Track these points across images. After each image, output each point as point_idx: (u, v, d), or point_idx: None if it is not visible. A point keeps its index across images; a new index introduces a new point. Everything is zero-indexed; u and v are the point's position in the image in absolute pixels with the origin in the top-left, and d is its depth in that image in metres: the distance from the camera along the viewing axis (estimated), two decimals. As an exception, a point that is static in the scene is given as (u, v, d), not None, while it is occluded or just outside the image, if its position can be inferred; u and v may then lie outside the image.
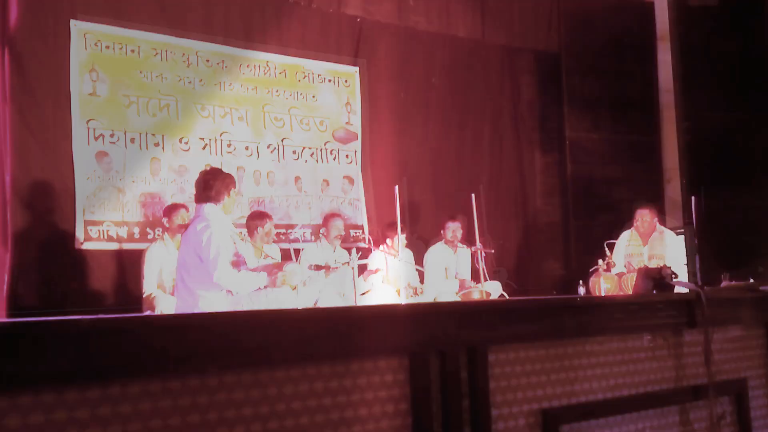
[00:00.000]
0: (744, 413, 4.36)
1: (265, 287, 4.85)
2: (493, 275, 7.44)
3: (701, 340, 4.11)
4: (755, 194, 8.30)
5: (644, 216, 7.06)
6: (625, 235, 7.15)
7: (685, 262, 6.84)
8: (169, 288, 5.88)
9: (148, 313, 5.75)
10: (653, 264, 6.64)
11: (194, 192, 5.04)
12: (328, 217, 7.25)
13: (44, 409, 2.28)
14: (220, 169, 5.24)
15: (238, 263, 4.92)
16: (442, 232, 7.62)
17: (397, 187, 6.33)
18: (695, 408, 4.11)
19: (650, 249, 6.96)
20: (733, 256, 6.93)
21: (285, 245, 7.02)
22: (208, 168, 5.74)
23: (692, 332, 4.15)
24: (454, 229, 7.51)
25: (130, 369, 2.45)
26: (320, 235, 7.27)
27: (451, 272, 7.60)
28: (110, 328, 2.49)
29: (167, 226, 6.19)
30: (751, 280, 5.28)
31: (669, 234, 7.09)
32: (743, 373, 4.44)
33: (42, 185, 6.37)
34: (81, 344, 2.36)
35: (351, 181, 8.24)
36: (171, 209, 6.25)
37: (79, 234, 6.48)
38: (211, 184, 4.89)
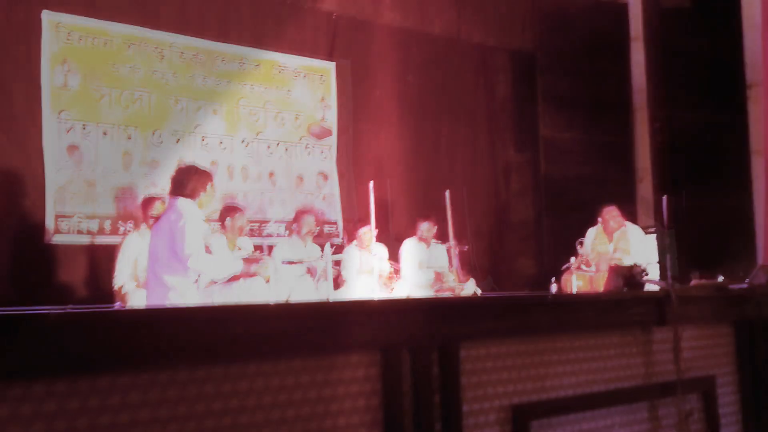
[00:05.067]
0: (712, 410, 4.41)
1: (241, 274, 4.81)
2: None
3: (670, 337, 4.15)
4: (726, 193, 8.41)
5: (612, 213, 7.12)
6: (591, 233, 7.21)
7: (657, 260, 6.91)
8: (142, 280, 5.83)
9: (118, 305, 5.70)
10: (618, 257, 6.72)
11: (169, 186, 4.99)
12: (300, 213, 7.23)
13: (11, 402, 2.26)
14: (196, 166, 5.14)
15: (208, 256, 4.89)
16: (415, 229, 7.63)
17: (371, 183, 6.32)
18: (664, 405, 4.16)
19: (615, 244, 7.03)
20: (704, 254, 7.01)
21: (258, 240, 6.98)
22: (184, 165, 5.66)
23: (662, 330, 4.19)
24: (426, 228, 7.52)
25: (99, 363, 2.42)
26: (292, 230, 7.24)
27: (424, 266, 7.60)
28: (79, 321, 2.47)
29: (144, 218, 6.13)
30: (721, 279, 5.34)
31: (634, 229, 7.15)
32: (711, 371, 4.50)
33: (12, 177, 6.29)
34: (49, 337, 2.33)
35: (325, 176, 8.22)
36: (150, 201, 6.19)
37: (50, 227, 6.40)
38: (186, 183, 4.84)
